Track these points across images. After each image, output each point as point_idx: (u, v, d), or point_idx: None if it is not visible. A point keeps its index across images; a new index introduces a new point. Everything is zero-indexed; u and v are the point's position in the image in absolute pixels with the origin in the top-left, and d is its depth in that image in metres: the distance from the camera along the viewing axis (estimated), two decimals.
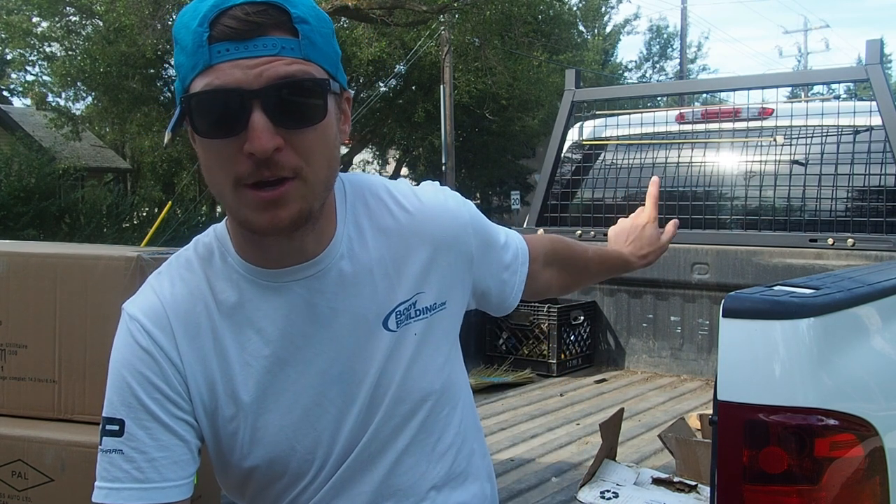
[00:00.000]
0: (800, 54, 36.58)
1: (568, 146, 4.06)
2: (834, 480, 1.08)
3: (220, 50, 0.92)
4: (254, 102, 0.91)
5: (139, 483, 1.02)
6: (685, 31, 30.14)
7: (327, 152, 0.99)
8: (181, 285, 1.08)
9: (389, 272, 1.11)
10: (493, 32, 16.59)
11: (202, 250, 1.10)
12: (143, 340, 1.05)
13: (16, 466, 1.80)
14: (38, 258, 1.89)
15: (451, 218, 1.17)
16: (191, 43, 0.93)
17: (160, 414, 1.03)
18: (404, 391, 1.11)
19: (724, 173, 3.68)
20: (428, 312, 1.13)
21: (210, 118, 0.94)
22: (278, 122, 0.92)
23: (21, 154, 14.15)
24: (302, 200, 0.96)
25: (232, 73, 0.91)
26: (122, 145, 22.19)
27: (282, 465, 1.09)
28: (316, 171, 0.97)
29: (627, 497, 2.18)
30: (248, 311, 1.06)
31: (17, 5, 16.36)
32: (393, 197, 1.15)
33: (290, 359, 1.07)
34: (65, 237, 13.22)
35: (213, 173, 0.98)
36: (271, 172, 0.93)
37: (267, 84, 0.91)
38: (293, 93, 0.93)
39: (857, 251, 3.18)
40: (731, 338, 1.12)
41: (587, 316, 3.82)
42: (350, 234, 1.09)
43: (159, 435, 1.03)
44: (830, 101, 3.59)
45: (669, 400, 3.31)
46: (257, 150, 0.91)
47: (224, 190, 0.97)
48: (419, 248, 1.13)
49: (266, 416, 1.07)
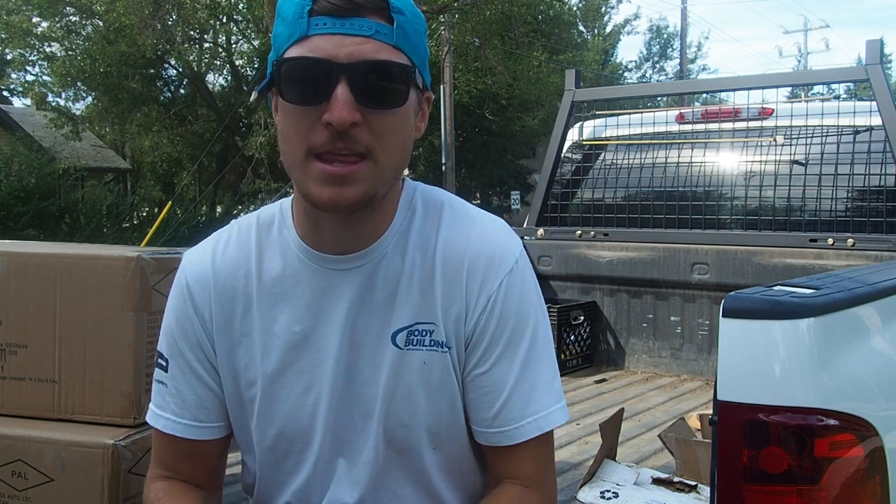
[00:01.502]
0: (800, 54, 36.62)
1: (568, 146, 4.06)
2: (834, 480, 1.08)
3: (317, 23, 0.96)
4: (340, 76, 0.95)
5: (176, 416, 1.15)
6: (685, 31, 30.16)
7: (401, 139, 1.02)
8: (234, 249, 1.15)
9: (413, 290, 1.10)
10: (493, 32, 16.61)
11: (264, 219, 1.16)
12: (185, 296, 1.15)
13: (16, 466, 1.80)
14: (38, 258, 1.89)
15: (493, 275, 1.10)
16: (292, 13, 0.98)
17: (195, 363, 1.15)
18: (407, 419, 1.11)
19: (724, 173, 3.68)
20: (439, 347, 1.10)
21: (297, 85, 0.98)
22: (360, 98, 0.96)
23: (21, 154, 14.14)
24: (369, 183, 0.99)
25: (325, 46, 0.96)
26: (122, 145, 22.20)
27: (288, 442, 1.13)
28: (388, 156, 1.00)
29: (627, 497, 2.18)
30: (287, 286, 1.11)
31: (17, 5, 16.37)
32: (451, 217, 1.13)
33: (314, 342, 1.10)
34: (65, 237, 13.21)
35: (288, 142, 1.01)
36: (345, 145, 0.97)
37: (356, 61, 0.96)
38: (378, 74, 0.97)
39: (857, 251, 3.18)
40: (731, 338, 1.12)
41: (587, 316, 3.82)
42: (398, 237, 1.11)
43: (192, 381, 1.15)
44: (830, 101, 3.59)
45: (669, 400, 3.30)
46: (336, 120, 0.95)
47: (295, 160, 1.00)
48: (444, 281, 1.10)
49: (283, 391, 1.11)
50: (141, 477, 1.79)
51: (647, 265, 3.66)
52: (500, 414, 1.10)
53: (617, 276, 3.76)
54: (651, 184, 3.80)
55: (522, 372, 1.10)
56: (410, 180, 1.17)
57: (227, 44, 18.11)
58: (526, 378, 1.10)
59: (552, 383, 1.12)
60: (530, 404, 1.10)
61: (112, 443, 1.74)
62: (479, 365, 1.10)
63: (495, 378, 1.10)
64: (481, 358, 1.10)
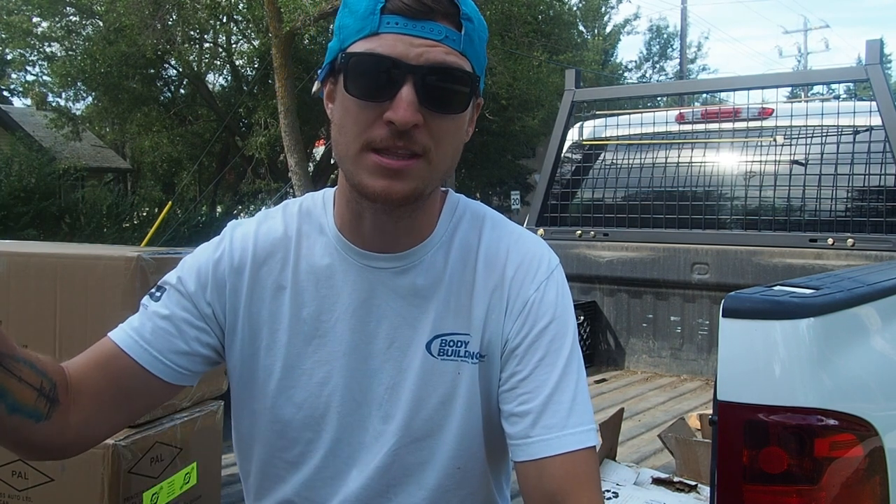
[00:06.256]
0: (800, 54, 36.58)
1: (568, 146, 4.06)
2: (834, 480, 1.08)
3: (389, 21, 0.97)
4: (408, 76, 0.96)
5: (141, 338, 1.09)
6: (685, 31, 30.15)
7: (455, 143, 1.04)
8: (278, 229, 1.14)
9: (451, 299, 1.10)
10: (493, 32, 16.60)
11: (307, 207, 1.16)
12: (219, 255, 1.13)
13: (16, 466, 1.80)
14: (38, 258, 1.89)
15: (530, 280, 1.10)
16: (363, 7, 0.98)
17: (190, 310, 1.11)
18: (431, 429, 1.09)
19: (723, 173, 3.68)
20: (471, 358, 1.09)
21: (364, 79, 0.98)
22: (423, 101, 0.97)
23: (21, 154, 14.14)
24: (420, 180, 1.00)
25: (395, 45, 0.97)
26: (122, 145, 22.19)
27: (298, 429, 1.12)
28: (441, 157, 1.01)
29: (627, 497, 2.18)
30: (322, 275, 1.11)
31: (17, 5, 16.35)
32: (492, 227, 1.14)
33: (338, 335, 1.10)
34: (65, 237, 13.21)
35: (344, 133, 1.01)
36: (404, 144, 0.98)
37: (425, 64, 0.97)
38: (445, 79, 0.98)
39: (857, 251, 3.18)
40: (731, 338, 1.12)
41: (587, 316, 3.82)
42: (440, 244, 1.11)
43: (178, 321, 1.10)
44: (830, 101, 3.59)
45: (669, 400, 3.30)
46: (399, 120, 0.96)
47: (349, 151, 1.00)
48: (484, 287, 1.10)
49: (302, 378, 1.11)
50: (141, 477, 1.79)
51: (647, 265, 3.66)
52: (541, 420, 1.03)
53: (617, 276, 3.76)
54: (651, 184, 3.80)
55: (567, 381, 1.06)
56: (454, 192, 1.18)
57: (227, 44, 18.10)
58: (566, 388, 1.05)
59: (588, 401, 1.09)
60: (572, 415, 1.04)
61: (112, 443, 1.73)
62: (521, 371, 1.07)
63: (539, 383, 1.05)
64: (523, 363, 1.07)
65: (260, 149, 15.38)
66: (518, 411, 1.05)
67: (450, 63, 0.98)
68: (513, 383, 1.07)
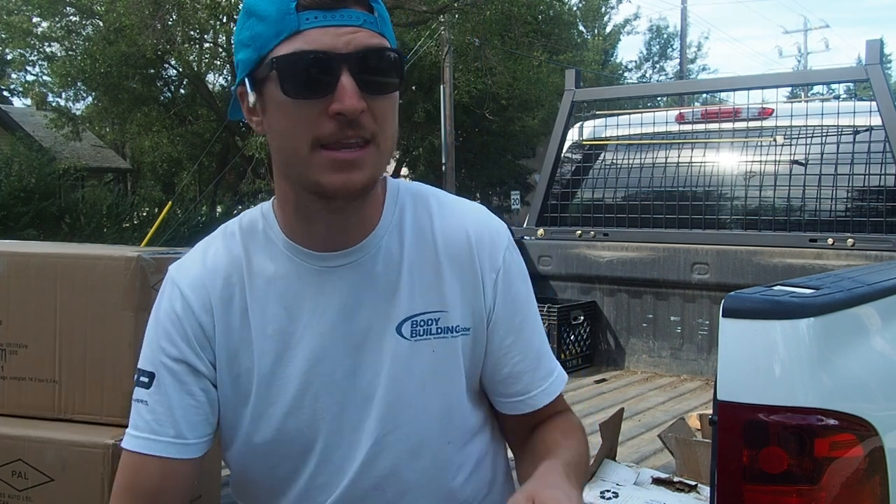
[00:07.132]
0: (800, 54, 36.61)
1: (568, 146, 4.06)
2: (834, 480, 1.08)
3: (308, 17, 0.97)
4: (342, 66, 0.97)
5: (155, 434, 1.08)
6: (685, 31, 30.17)
7: (395, 124, 1.05)
8: (224, 254, 1.13)
9: (415, 279, 1.11)
10: (493, 32, 16.59)
11: (246, 223, 1.15)
12: (178, 305, 1.11)
13: (16, 466, 1.80)
14: (38, 258, 1.89)
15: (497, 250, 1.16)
16: (275, 11, 0.98)
17: (183, 376, 1.09)
18: (418, 410, 1.10)
19: (723, 173, 3.68)
20: (449, 333, 1.11)
21: (300, 79, 0.98)
22: (362, 86, 0.98)
23: (21, 154, 14.15)
24: (374, 167, 1.02)
25: (322, 39, 0.97)
26: (122, 145, 22.19)
27: (286, 445, 1.11)
28: (386, 140, 1.03)
29: (627, 497, 2.18)
30: (280, 286, 1.10)
31: (17, 5, 16.36)
32: (439, 205, 1.16)
33: (309, 341, 1.09)
34: (65, 237, 13.22)
35: (288, 137, 1.01)
36: (355, 132, 0.98)
37: (355, 50, 0.98)
38: (377, 61, 0.99)
39: (857, 251, 3.18)
40: (731, 338, 1.12)
41: (587, 316, 3.82)
42: (391, 230, 1.12)
43: (179, 395, 1.09)
44: (830, 102, 3.59)
45: (669, 400, 3.30)
46: (348, 109, 0.96)
47: (298, 154, 1.00)
48: (451, 264, 1.12)
49: (280, 394, 1.10)
50: None
51: (647, 265, 3.66)
52: (538, 372, 1.17)
53: (617, 276, 3.76)
54: (651, 184, 3.80)
55: (541, 334, 1.20)
56: (391, 177, 1.18)
57: (227, 44, 18.08)
58: (543, 339, 1.21)
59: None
60: (552, 359, 1.21)
61: (112, 443, 1.74)
62: (509, 335, 1.15)
63: (526, 343, 1.17)
64: (509, 327, 1.15)
65: (260, 149, 15.36)
66: (515, 371, 1.16)
67: (376, 45, 0.99)
68: (505, 348, 1.15)
